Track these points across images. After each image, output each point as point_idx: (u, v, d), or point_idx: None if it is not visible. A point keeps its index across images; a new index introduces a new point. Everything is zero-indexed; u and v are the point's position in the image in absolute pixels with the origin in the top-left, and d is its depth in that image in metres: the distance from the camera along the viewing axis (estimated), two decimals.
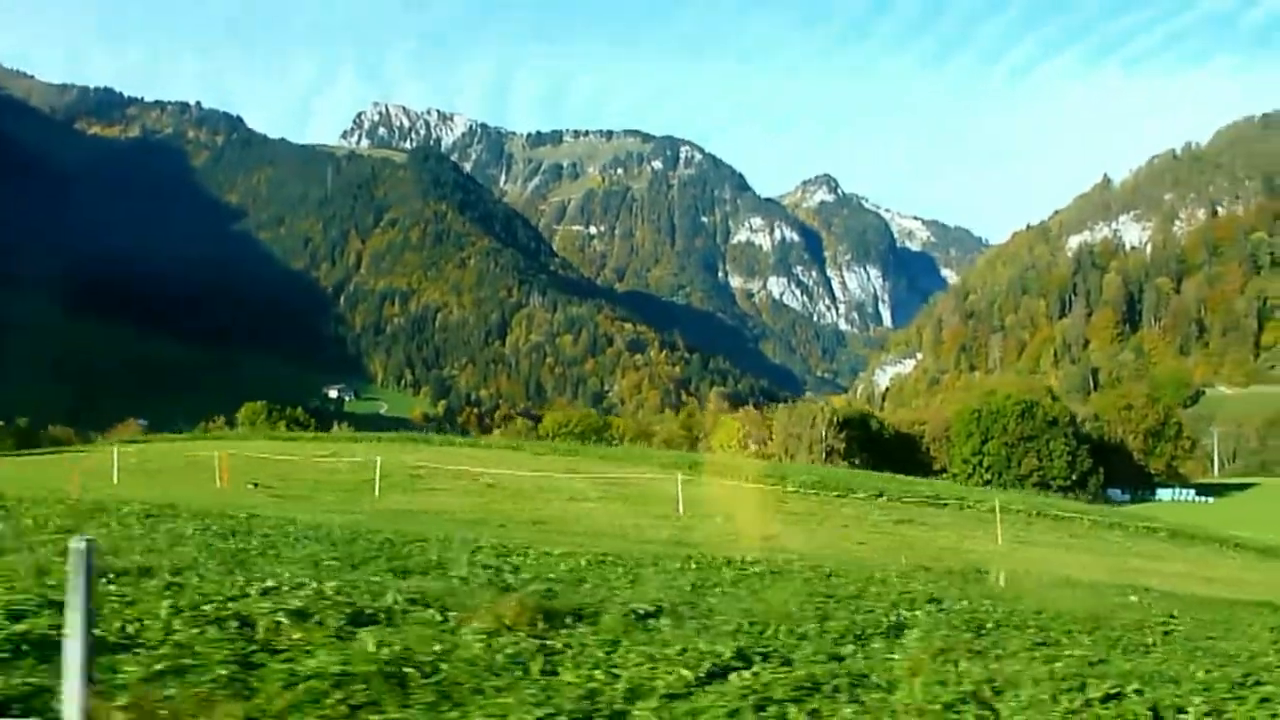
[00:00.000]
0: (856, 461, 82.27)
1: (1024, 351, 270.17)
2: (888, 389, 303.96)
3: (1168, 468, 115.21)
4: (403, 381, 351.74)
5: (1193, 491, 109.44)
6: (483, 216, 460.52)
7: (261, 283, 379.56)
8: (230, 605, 6.96)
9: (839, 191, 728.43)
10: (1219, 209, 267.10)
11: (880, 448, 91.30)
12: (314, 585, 7.94)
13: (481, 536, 16.31)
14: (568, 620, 7.55)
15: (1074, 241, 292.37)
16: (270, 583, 7.95)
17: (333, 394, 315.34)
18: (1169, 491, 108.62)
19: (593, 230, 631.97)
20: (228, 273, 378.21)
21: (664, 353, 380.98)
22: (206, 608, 6.81)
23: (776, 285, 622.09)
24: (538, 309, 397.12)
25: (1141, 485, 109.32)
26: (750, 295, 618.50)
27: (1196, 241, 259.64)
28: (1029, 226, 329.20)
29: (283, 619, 6.59)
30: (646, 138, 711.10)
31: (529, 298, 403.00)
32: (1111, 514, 50.60)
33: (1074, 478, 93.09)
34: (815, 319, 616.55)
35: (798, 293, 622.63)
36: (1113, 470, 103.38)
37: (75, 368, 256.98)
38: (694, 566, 14.38)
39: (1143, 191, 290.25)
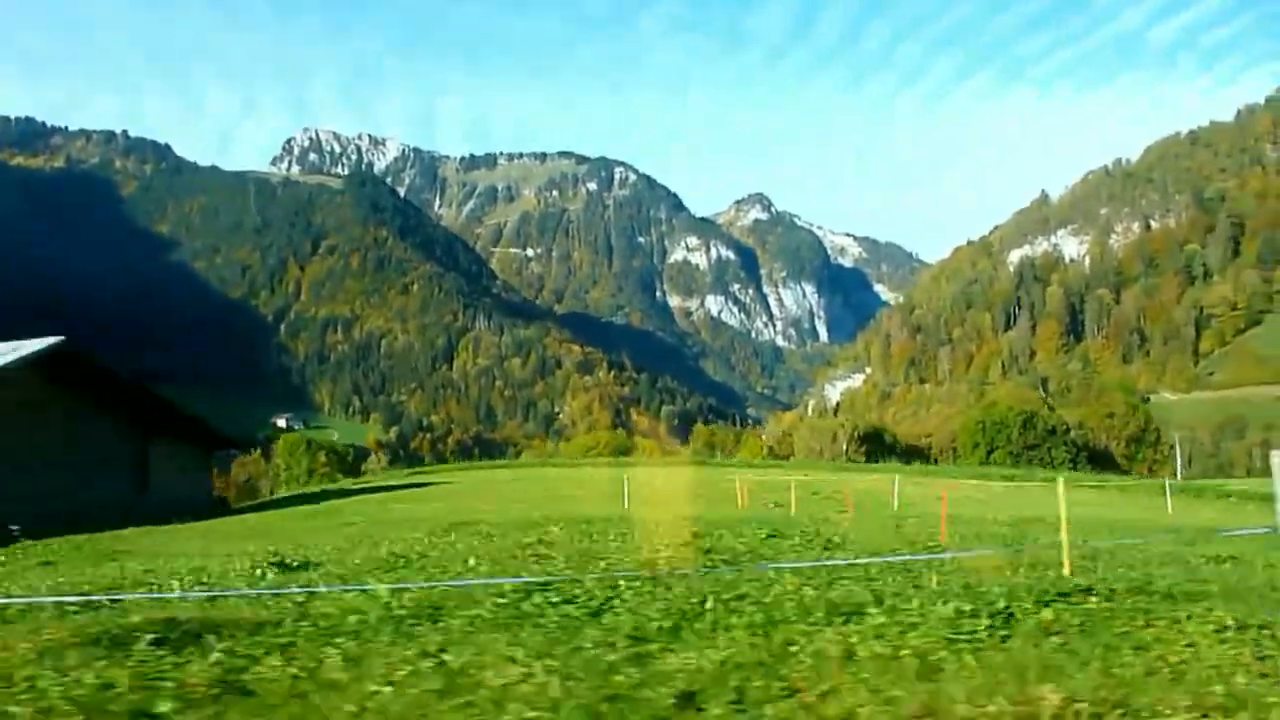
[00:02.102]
0: None
1: (972, 363, 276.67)
2: (839, 403, 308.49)
3: (1149, 472, 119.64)
4: (350, 409, 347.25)
5: None
6: (424, 242, 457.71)
7: (199, 313, 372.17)
8: None
9: (772, 210, 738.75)
10: (1152, 223, 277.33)
11: (894, 459, 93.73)
12: None
13: None
14: None
15: (1015, 256, 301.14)
16: None
17: (281, 423, 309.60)
18: None
19: (530, 252, 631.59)
20: (164, 304, 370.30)
21: (612, 373, 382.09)
22: None
23: (714, 303, 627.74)
24: (484, 333, 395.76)
25: None
26: (689, 314, 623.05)
27: (1133, 254, 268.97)
28: (970, 242, 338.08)
29: None
30: (581, 159, 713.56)
31: (474, 322, 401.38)
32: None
33: None
34: (754, 336, 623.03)
35: (735, 310, 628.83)
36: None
37: None
38: None
39: (1079, 206, 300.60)
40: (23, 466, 28.96)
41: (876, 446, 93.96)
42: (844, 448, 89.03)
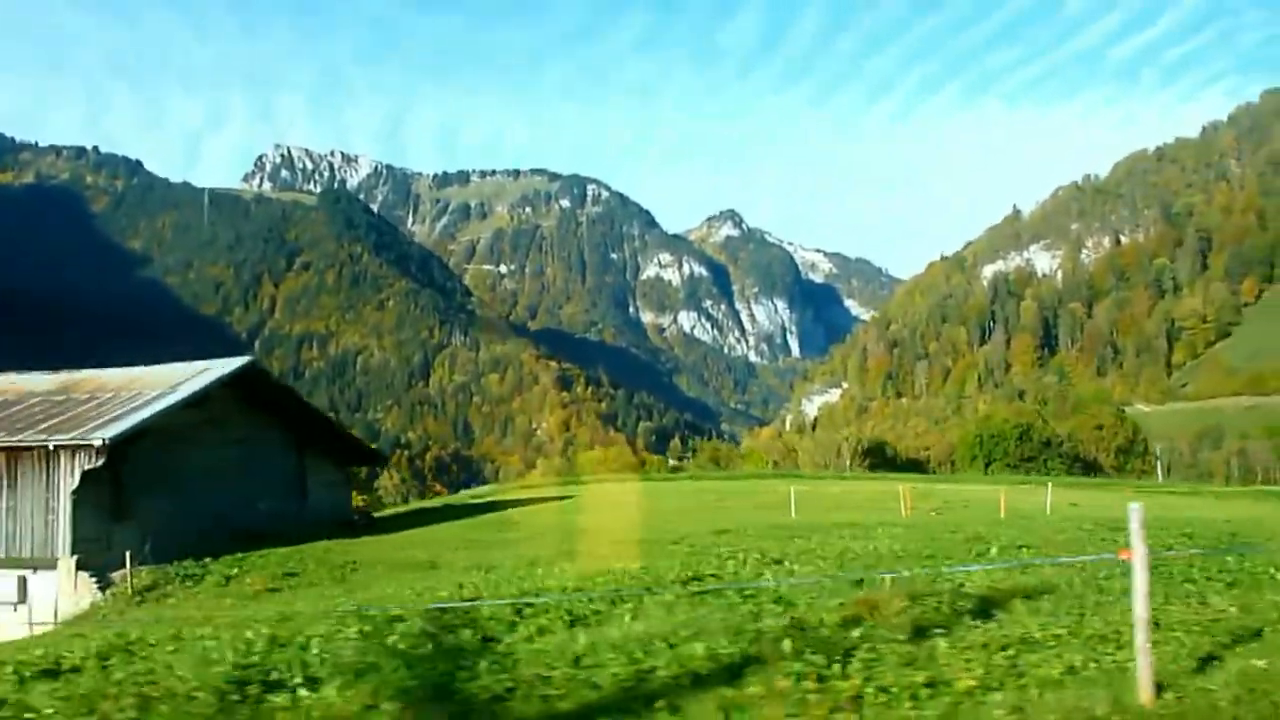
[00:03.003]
0: None
1: (949, 377, 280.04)
2: (817, 418, 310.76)
3: (1139, 481, 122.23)
4: None
5: None
6: (398, 258, 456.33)
7: (172, 329, 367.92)
8: None
9: (743, 226, 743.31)
10: (1122, 237, 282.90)
11: (896, 472, 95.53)
12: None
13: None
14: None
15: (988, 271, 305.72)
16: None
17: None
18: None
19: (503, 269, 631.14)
20: (136, 320, 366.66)
21: (589, 389, 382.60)
22: None
23: (687, 319, 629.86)
24: (460, 349, 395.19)
25: None
26: (662, 330, 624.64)
27: (1104, 268, 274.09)
28: (943, 257, 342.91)
29: None
30: (554, 176, 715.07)
31: (450, 338, 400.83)
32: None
33: None
34: (726, 351, 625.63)
35: (708, 326, 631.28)
36: None
37: None
38: None
39: (1050, 221, 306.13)
40: (209, 483, 29.95)
41: (878, 460, 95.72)
42: (848, 461, 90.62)
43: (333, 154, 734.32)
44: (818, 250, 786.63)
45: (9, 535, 26.30)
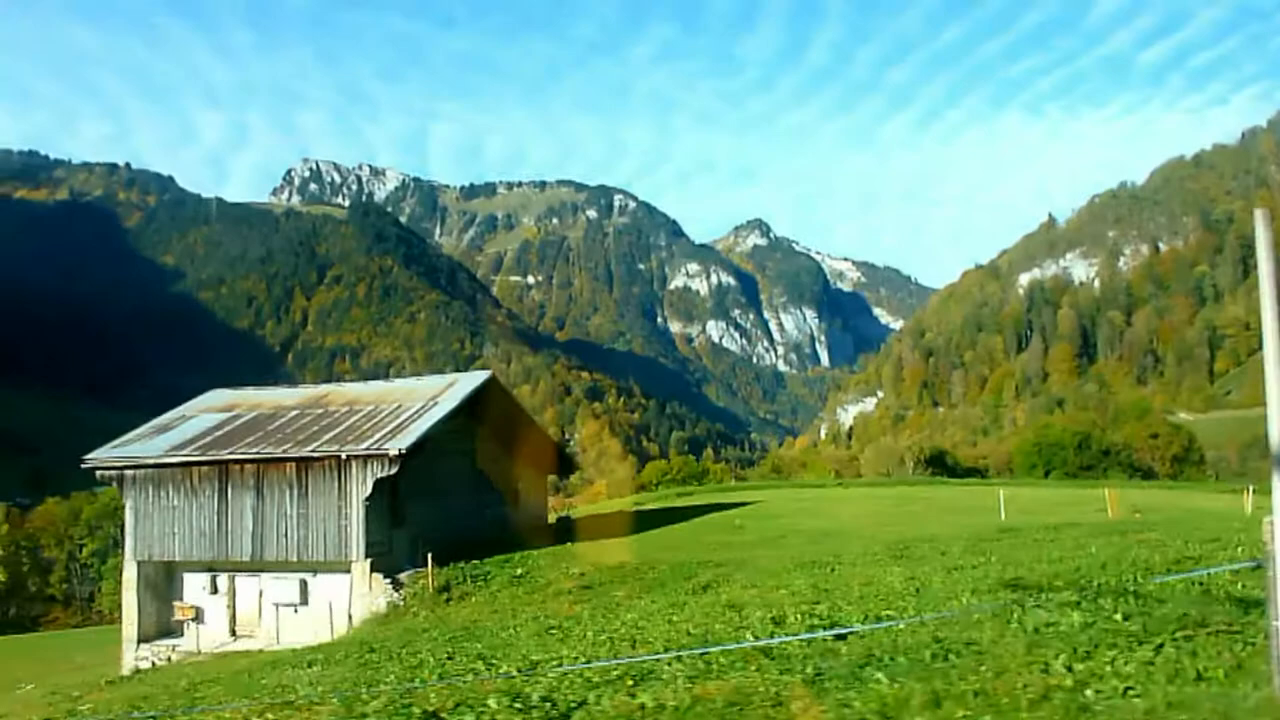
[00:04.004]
0: None
1: (985, 386, 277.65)
2: (852, 427, 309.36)
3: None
4: None
5: None
6: (428, 270, 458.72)
7: (206, 344, 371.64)
8: None
9: (771, 235, 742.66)
10: (1160, 245, 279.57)
11: (956, 479, 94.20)
12: None
13: None
14: None
15: (1024, 279, 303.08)
16: None
17: None
18: None
19: (530, 280, 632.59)
20: (170, 335, 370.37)
21: (621, 400, 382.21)
22: None
23: (715, 329, 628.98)
24: (492, 360, 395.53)
25: None
26: (690, 340, 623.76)
27: (1142, 276, 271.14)
28: (978, 265, 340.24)
29: None
30: (580, 187, 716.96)
31: (481, 349, 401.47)
32: None
33: None
34: (754, 361, 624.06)
35: (736, 336, 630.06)
36: None
37: (9, 436, 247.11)
38: None
39: (1086, 229, 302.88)
40: (452, 490, 31.19)
41: (939, 468, 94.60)
42: (910, 468, 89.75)
43: (360, 167, 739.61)
44: (845, 259, 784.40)
45: (300, 541, 27.19)
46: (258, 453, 27.23)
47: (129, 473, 28.75)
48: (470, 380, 31.87)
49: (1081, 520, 27.19)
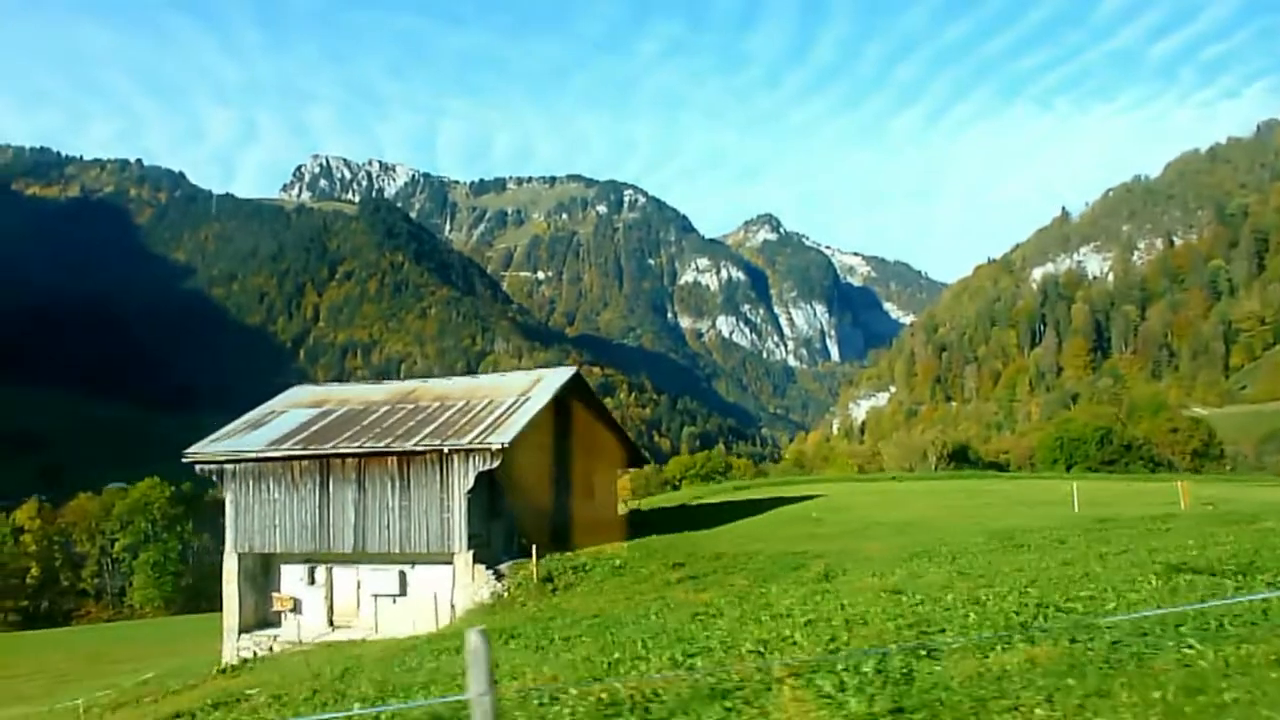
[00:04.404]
0: None
1: (999, 381, 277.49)
2: (864, 422, 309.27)
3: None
4: None
5: None
6: (438, 266, 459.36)
7: (218, 339, 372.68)
8: None
9: (781, 230, 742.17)
10: (1175, 239, 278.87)
11: (979, 472, 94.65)
12: None
13: None
14: None
15: (1037, 273, 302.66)
16: None
17: None
18: None
19: (540, 275, 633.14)
20: (181, 331, 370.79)
21: (632, 395, 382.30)
22: None
23: (725, 324, 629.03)
24: (503, 356, 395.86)
25: None
26: (700, 335, 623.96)
27: (1157, 270, 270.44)
28: (990, 260, 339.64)
29: None
30: (590, 182, 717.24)
31: (493, 345, 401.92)
32: None
33: None
34: (765, 356, 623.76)
35: (746, 331, 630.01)
36: None
37: (24, 434, 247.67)
38: None
39: (1100, 224, 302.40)
40: (537, 483, 31.69)
41: (961, 463, 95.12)
42: (933, 463, 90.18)
43: (370, 163, 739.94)
44: (855, 254, 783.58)
45: (402, 533, 27.85)
46: (359, 447, 27.90)
47: (229, 466, 29.44)
48: (557, 376, 32.49)
49: (1165, 512, 27.67)
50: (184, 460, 30.59)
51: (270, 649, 27.59)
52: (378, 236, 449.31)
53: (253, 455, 29.03)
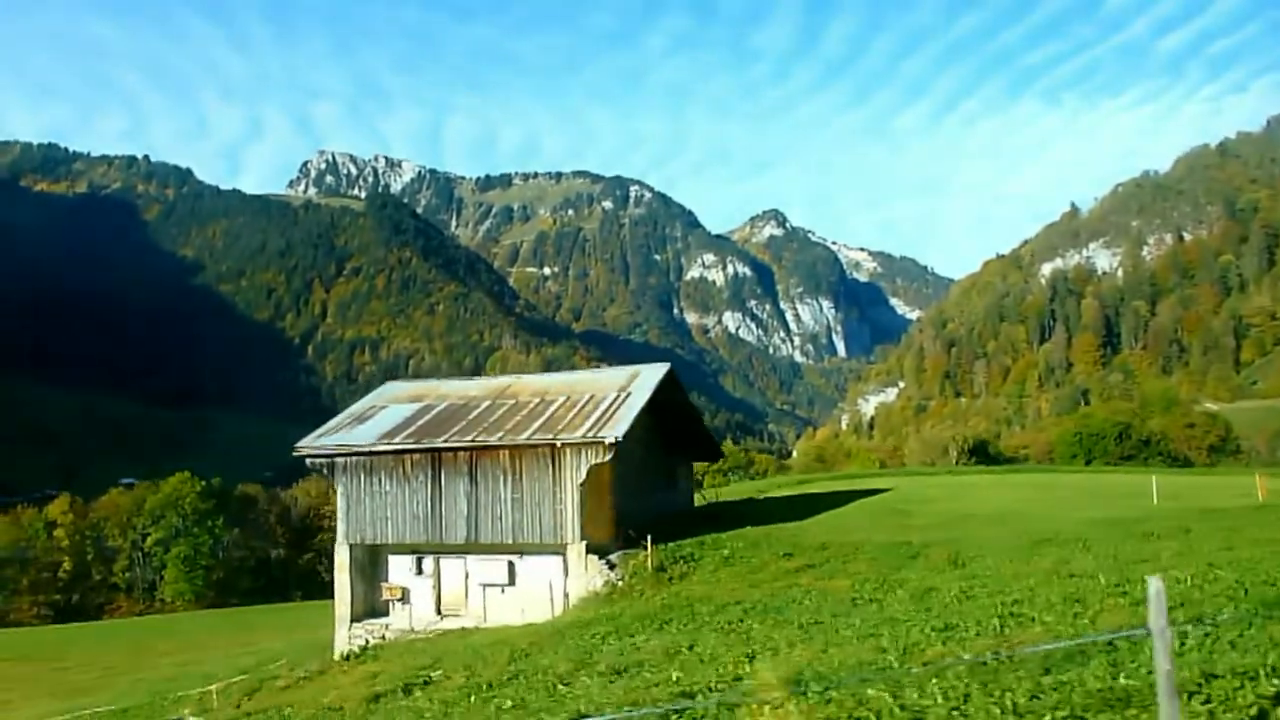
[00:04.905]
0: None
1: (1009, 376, 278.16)
2: (873, 417, 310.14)
3: None
4: None
5: None
6: (446, 262, 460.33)
7: (225, 336, 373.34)
8: None
9: (787, 226, 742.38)
10: (1185, 234, 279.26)
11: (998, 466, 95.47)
12: None
13: None
14: None
15: (1047, 269, 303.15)
16: None
17: None
18: None
19: (546, 271, 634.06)
20: (190, 327, 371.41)
21: None
22: None
23: (731, 320, 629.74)
24: (511, 351, 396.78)
25: None
26: (706, 331, 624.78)
27: (1167, 265, 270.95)
28: (999, 255, 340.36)
29: None
30: (596, 178, 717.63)
31: (501, 340, 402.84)
32: None
33: None
34: (771, 352, 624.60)
35: (753, 326, 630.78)
36: None
37: (35, 429, 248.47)
38: None
39: (1109, 219, 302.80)
40: (630, 476, 32.09)
41: (982, 458, 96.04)
42: (954, 459, 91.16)
43: (376, 159, 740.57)
44: (862, 249, 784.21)
45: (514, 524, 28.54)
46: (471, 440, 28.74)
47: (340, 460, 30.29)
48: (654, 372, 33.23)
49: (1248, 504, 28.42)
50: (294, 454, 31.50)
51: (383, 637, 28.50)
52: (385, 233, 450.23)
53: (364, 449, 29.87)
